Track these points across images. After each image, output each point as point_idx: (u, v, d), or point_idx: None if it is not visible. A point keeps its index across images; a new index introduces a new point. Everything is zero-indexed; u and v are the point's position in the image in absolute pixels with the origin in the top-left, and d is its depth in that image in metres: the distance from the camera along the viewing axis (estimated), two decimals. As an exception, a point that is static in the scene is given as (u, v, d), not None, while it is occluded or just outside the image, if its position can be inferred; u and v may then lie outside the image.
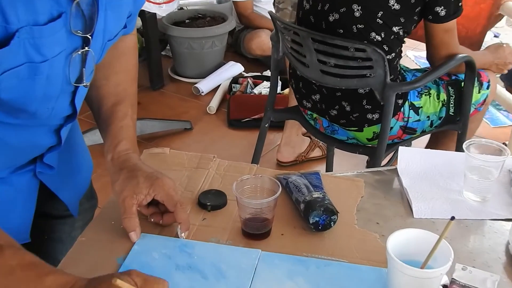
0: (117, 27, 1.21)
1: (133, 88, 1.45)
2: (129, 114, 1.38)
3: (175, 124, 3.92)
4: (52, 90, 1.10)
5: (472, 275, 1.17)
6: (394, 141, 2.49)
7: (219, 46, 4.58)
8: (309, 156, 3.53)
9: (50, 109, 1.15)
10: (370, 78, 2.29)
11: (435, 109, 2.47)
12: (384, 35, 2.26)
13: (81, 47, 1.09)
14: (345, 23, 2.29)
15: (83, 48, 1.09)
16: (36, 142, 1.24)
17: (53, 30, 0.99)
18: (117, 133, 1.34)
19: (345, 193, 1.46)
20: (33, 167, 1.28)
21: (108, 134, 1.35)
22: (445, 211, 1.40)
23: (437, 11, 2.23)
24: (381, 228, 1.35)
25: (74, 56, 1.08)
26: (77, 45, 1.08)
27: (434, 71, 2.36)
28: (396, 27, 2.26)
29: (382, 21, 2.24)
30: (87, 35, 1.07)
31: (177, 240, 1.28)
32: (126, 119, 1.37)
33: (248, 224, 1.29)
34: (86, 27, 1.07)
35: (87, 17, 1.06)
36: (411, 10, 2.24)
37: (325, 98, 2.46)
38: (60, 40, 1.03)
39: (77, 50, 1.08)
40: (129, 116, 1.38)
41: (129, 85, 1.42)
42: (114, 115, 1.36)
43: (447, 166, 1.57)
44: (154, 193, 1.26)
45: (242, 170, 1.52)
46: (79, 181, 1.49)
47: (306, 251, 1.26)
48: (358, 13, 2.25)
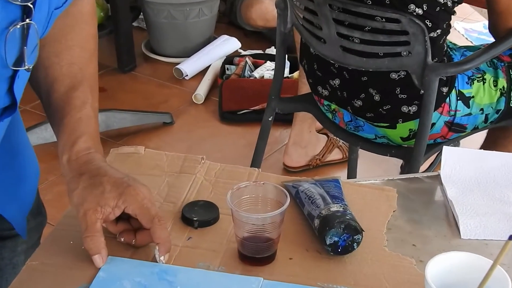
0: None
1: (92, 67, 1.45)
2: (89, 102, 1.38)
3: (151, 117, 3.94)
4: None
5: (536, 312, 1.18)
6: (436, 141, 2.50)
7: (208, 15, 4.58)
8: (325, 160, 3.54)
9: None
10: (406, 57, 2.30)
11: (492, 100, 2.47)
12: (427, 7, 2.27)
13: (20, 19, 1.07)
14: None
15: (23, 21, 1.08)
16: None
17: None
18: (74, 127, 1.33)
19: (372, 206, 1.47)
20: None
21: (63, 129, 1.34)
22: (501, 230, 1.41)
23: None
24: (419, 251, 1.36)
25: (11, 30, 1.06)
26: (15, 16, 1.07)
27: (493, 46, 2.37)
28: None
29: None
30: (28, 3, 1.06)
31: (155, 265, 1.29)
32: (86, 108, 1.37)
33: (246, 245, 1.30)
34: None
35: None
36: None
37: (347, 84, 2.47)
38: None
39: (16, 23, 1.07)
40: (89, 104, 1.38)
41: (87, 63, 1.42)
42: (69, 103, 1.35)
43: (505, 172, 1.58)
44: (124, 205, 1.25)
45: (239, 175, 1.53)
46: (23, 193, 1.48)
47: (322, 280, 1.27)
48: None
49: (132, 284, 1.25)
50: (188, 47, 4.53)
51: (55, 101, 1.35)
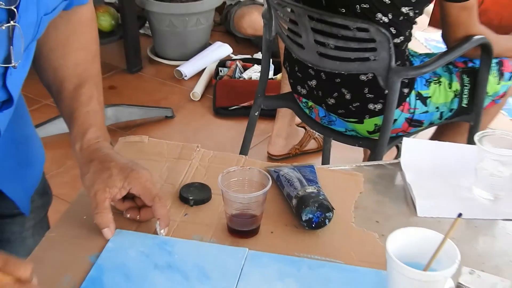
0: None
1: (96, 67, 1.43)
2: (94, 97, 1.37)
3: (154, 112, 3.93)
4: None
5: (480, 279, 1.18)
6: (398, 135, 2.50)
7: (205, 24, 4.56)
8: (303, 149, 3.55)
9: None
10: (373, 61, 2.30)
11: (446, 100, 2.47)
12: (392, 16, 2.27)
13: (5, 21, 1.05)
14: (348, 2, 2.29)
15: (8, 22, 1.05)
16: None
17: None
18: (83, 120, 1.33)
19: (342, 188, 1.47)
20: None
21: (74, 122, 1.34)
22: (452, 209, 1.38)
23: None
24: (381, 227, 1.36)
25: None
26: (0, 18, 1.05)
27: (446, 53, 2.37)
28: (406, 7, 2.27)
29: (390, 1, 2.25)
30: (12, 7, 1.04)
31: (156, 237, 1.29)
32: (92, 102, 1.36)
33: (234, 220, 1.31)
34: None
35: None
36: None
37: (322, 85, 2.47)
38: None
39: (1, 24, 1.05)
40: (95, 99, 1.37)
41: (91, 64, 1.41)
42: (77, 99, 1.35)
43: (456, 160, 1.58)
44: (129, 186, 1.26)
45: (228, 161, 1.53)
46: (29, 176, 1.47)
47: (298, 251, 1.28)
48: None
49: (136, 253, 1.25)
50: (187, 51, 4.52)
51: (65, 98, 1.35)
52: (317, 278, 1.21)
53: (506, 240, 1.35)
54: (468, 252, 1.27)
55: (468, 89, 2.48)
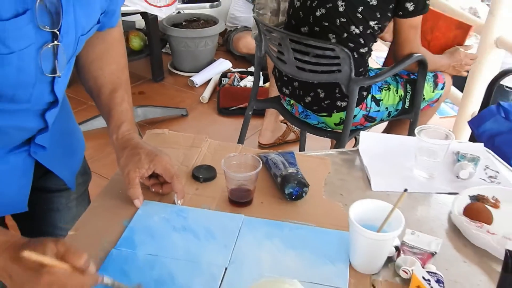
0: (89, 22, 1.16)
1: (125, 75, 1.42)
2: (125, 99, 1.36)
3: (173, 111, 3.89)
4: (26, 79, 1.06)
5: (419, 238, 1.18)
6: (357, 127, 2.49)
7: (211, 45, 4.55)
8: (285, 139, 3.54)
9: (29, 95, 1.10)
10: (338, 73, 2.28)
11: (393, 102, 2.47)
12: (362, 28, 2.26)
13: (50, 41, 1.04)
14: (330, 17, 2.28)
15: (52, 42, 1.04)
16: (22, 125, 1.18)
17: (17, 25, 0.95)
18: (118, 117, 1.33)
19: (315, 169, 1.46)
20: (27, 147, 1.24)
21: (111, 118, 1.33)
22: (398, 185, 1.41)
23: (407, 7, 2.24)
24: (345, 198, 1.36)
25: (44, 49, 1.03)
26: (46, 39, 1.03)
27: (392, 67, 2.36)
28: (373, 21, 2.26)
29: (362, 16, 2.24)
30: (55, 30, 1.02)
31: (174, 206, 1.29)
32: (124, 103, 1.35)
33: (233, 193, 1.30)
34: (53, 22, 1.02)
35: (54, 14, 1.01)
36: (386, 6, 2.24)
37: (302, 86, 2.45)
38: (27, 34, 0.98)
39: (47, 44, 1.03)
40: (126, 101, 1.36)
41: (121, 73, 1.39)
42: (113, 101, 1.34)
43: (400, 148, 1.58)
44: (154, 167, 1.26)
45: (229, 149, 1.52)
46: (73, 160, 1.45)
47: (282, 217, 1.27)
48: (342, 8, 2.25)
49: (159, 218, 1.25)
50: (197, 65, 4.49)
51: (103, 100, 1.35)
52: (296, 237, 1.21)
53: (438, 208, 1.35)
54: (410, 218, 1.27)
55: (410, 94, 2.48)
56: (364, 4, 2.23)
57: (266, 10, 3.51)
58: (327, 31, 2.30)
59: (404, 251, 1.14)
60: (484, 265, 1.17)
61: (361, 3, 2.23)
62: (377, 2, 2.22)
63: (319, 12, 2.31)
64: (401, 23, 2.30)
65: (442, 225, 1.29)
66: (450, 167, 1.50)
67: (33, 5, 0.96)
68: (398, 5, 2.25)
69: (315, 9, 2.32)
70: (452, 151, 1.54)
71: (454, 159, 1.52)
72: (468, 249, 1.21)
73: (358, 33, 2.27)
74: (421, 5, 2.25)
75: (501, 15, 2.92)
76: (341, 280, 1.09)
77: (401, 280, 1.10)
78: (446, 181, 1.45)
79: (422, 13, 2.27)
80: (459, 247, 1.22)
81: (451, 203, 1.32)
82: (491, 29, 2.97)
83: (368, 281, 1.10)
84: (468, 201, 1.33)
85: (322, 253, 1.16)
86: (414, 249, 1.15)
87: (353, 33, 2.27)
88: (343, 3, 2.24)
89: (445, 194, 1.40)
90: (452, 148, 1.54)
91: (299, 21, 2.41)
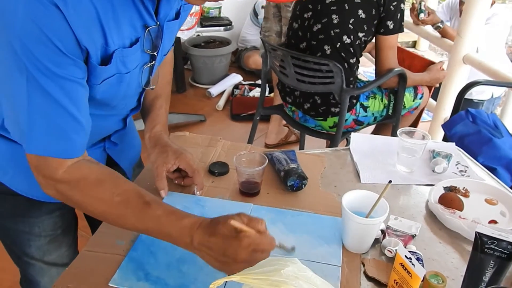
0: (170, 46, 1.19)
1: (168, 88, 1.42)
2: (163, 107, 1.36)
3: (193, 117, 3.89)
4: (130, 92, 1.11)
5: (401, 223, 1.17)
6: (348, 130, 2.47)
7: (225, 62, 4.54)
8: (287, 140, 3.53)
9: (125, 104, 1.17)
10: (332, 84, 2.27)
11: (379, 109, 2.45)
12: (353, 38, 2.24)
13: (149, 61, 1.08)
14: (325, 30, 2.26)
15: (150, 62, 1.08)
16: (109, 127, 1.24)
17: (134, 50, 0.99)
18: (154, 119, 1.32)
19: (312, 165, 1.45)
20: (103, 144, 1.27)
21: (148, 119, 1.33)
22: (383, 178, 1.40)
23: (387, 25, 2.23)
24: (338, 189, 1.34)
25: (145, 68, 1.08)
26: (146, 60, 1.07)
27: (376, 80, 2.35)
28: (361, 33, 2.24)
29: (352, 27, 2.22)
30: (154, 53, 1.06)
31: (194, 196, 1.28)
32: (162, 110, 1.35)
33: (244, 185, 1.29)
34: (153, 47, 1.05)
35: (154, 40, 1.04)
36: (371, 20, 2.22)
37: (302, 95, 2.44)
38: (137, 57, 1.02)
39: (147, 63, 1.08)
40: (164, 108, 1.36)
41: (165, 86, 1.39)
42: (153, 106, 1.34)
43: (385, 147, 1.56)
44: (178, 163, 1.25)
45: (240, 148, 1.51)
46: (132, 154, 1.45)
47: (285, 205, 1.26)
48: (336, 20, 2.23)
49: (181, 207, 1.21)
50: (214, 79, 4.49)
51: (145, 104, 1.34)
52: (297, 222, 1.19)
53: (417, 198, 1.33)
54: (393, 206, 1.26)
55: (393, 103, 2.46)
56: (354, 17, 2.21)
57: (271, 32, 3.51)
58: (323, 43, 2.28)
59: (389, 234, 1.13)
60: (457, 246, 1.15)
61: (352, 16, 2.21)
62: (365, 16, 2.21)
63: (316, 28, 2.29)
64: (381, 41, 2.28)
65: (420, 211, 1.27)
66: (427, 163, 1.48)
67: (142, 34, 1.00)
68: (381, 23, 2.24)
69: (312, 26, 2.31)
70: (428, 150, 1.52)
71: (430, 156, 1.50)
72: (443, 232, 1.19)
73: (349, 42, 2.25)
74: (398, 24, 2.25)
75: (467, 36, 2.92)
76: (335, 258, 1.08)
77: (386, 258, 1.09)
78: (424, 174, 1.44)
79: (399, 31, 2.26)
80: (435, 230, 1.20)
81: (428, 193, 1.30)
82: (459, 48, 2.97)
83: (358, 259, 1.08)
84: (443, 191, 1.32)
85: (318, 235, 1.14)
86: (397, 232, 1.13)
87: (345, 42, 2.25)
88: (336, 16, 2.23)
89: (423, 185, 1.39)
90: (429, 147, 1.52)
91: (297, 39, 2.39)
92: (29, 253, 1.30)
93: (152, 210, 0.95)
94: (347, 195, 1.10)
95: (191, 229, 0.91)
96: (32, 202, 1.20)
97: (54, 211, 1.27)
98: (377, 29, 2.26)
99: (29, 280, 1.36)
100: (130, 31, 0.96)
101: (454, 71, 3.02)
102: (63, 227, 1.31)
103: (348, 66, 2.29)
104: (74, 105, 0.91)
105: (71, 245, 1.37)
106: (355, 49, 2.28)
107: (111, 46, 0.93)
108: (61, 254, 1.34)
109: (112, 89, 1.03)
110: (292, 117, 2.63)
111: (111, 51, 0.93)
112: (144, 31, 1.00)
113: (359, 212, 1.07)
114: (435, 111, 3.22)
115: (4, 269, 2.07)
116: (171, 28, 1.10)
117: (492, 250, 0.89)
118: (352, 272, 1.05)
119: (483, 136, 2.04)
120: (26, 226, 1.25)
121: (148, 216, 0.94)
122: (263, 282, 0.69)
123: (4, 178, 1.16)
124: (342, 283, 1.01)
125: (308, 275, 0.72)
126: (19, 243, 1.28)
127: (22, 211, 1.23)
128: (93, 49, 0.90)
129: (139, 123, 1.36)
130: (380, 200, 1.07)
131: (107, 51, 0.93)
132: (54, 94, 0.88)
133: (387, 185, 1.06)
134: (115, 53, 0.94)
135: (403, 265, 0.87)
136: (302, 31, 2.37)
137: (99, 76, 0.96)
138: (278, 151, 1.47)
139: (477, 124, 2.14)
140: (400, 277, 0.88)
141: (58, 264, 1.34)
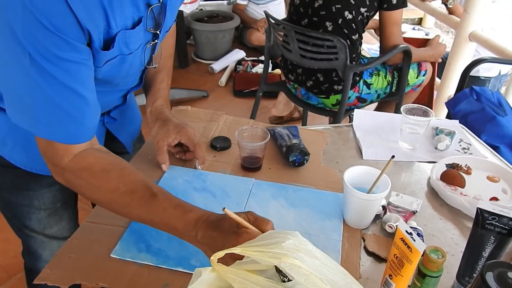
0: (172, 22, 1.17)
1: (170, 62, 1.41)
2: (165, 80, 1.35)
3: (196, 93, 3.87)
4: (132, 71, 1.10)
5: (403, 199, 1.17)
6: (351, 107, 2.46)
7: (228, 38, 4.50)
8: (291, 116, 3.52)
9: (126, 82, 1.17)
10: (335, 61, 2.25)
11: (382, 86, 2.44)
12: (354, 14, 2.22)
13: (151, 40, 1.07)
14: (327, 5, 2.24)
15: (153, 41, 1.08)
16: (109, 102, 1.23)
17: (137, 31, 0.98)
18: (155, 93, 1.32)
19: (314, 141, 1.45)
20: (102, 118, 1.26)
21: (149, 94, 1.32)
22: (385, 154, 1.40)
23: (390, 0, 2.19)
24: (340, 165, 1.34)
25: (147, 47, 1.08)
26: (149, 39, 1.06)
27: (381, 57, 2.33)
28: (363, 8, 2.21)
29: (354, 2, 2.19)
30: (157, 32, 1.05)
31: (195, 170, 1.28)
32: (163, 83, 1.34)
33: (245, 160, 1.29)
34: (155, 25, 1.04)
35: (157, 18, 1.03)
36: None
37: (305, 72, 2.42)
38: (140, 37, 1.02)
39: (149, 42, 1.07)
40: (165, 81, 1.35)
41: (167, 59, 1.38)
42: (154, 80, 1.33)
43: (388, 123, 1.56)
44: (180, 137, 1.24)
45: (242, 123, 1.51)
46: (132, 129, 1.45)
47: (286, 180, 1.26)
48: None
49: (183, 180, 1.24)
50: (216, 54, 4.46)
51: (147, 78, 1.33)
52: (298, 197, 1.20)
53: (419, 174, 1.33)
54: (395, 182, 1.27)
55: (396, 80, 2.45)
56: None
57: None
58: (324, 19, 2.25)
59: (390, 210, 1.13)
60: (457, 222, 1.15)
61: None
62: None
63: (317, 3, 2.27)
64: (385, 16, 2.25)
65: (422, 188, 1.27)
66: (430, 140, 1.48)
67: (145, 13, 0.99)
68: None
69: (313, 1, 2.28)
70: (431, 127, 1.52)
71: (433, 133, 1.50)
72: (443, 208, 1.20)
73: (351, 18, 2.22)
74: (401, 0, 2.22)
75: (474, 13, 2.89)
76: (336, 233, 1.08)
77: (387, 234, 1.09)
78: (426, 151, 1.43)
79: (402, 6, 2.23)
80: (436, 206, 1.20)
81: (430, 170, 1.31)
82: (465, 25, 2.94)
83: (359, 234, 1.09)
84: (445, 168, 1.32)
85: (320, 210, 1.15)
86: (398, 208, 1.14)
87: (347, 18, 2.22)
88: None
89: (425, 162, 1.38)
90: (432, 124, 1.52)
91: (299, 15, 2.36)
92: (30, 226, 1.31)
93: (158, 202, 0.93)
94: (349, 171, 1.10)
95: (196, 224, 0.90)
96: (31, 175, 1.20)
97: (53, 185, 1.27)
98: (380, 4, 2.22)
99: (31, 253, 1.37)
100: (132, 10, 0.95)
101: (460, 49, 2.99)
102: (62, 201, 1.32)
103: (350, 43, 2.27)
104: (82, 86, 0.90)
105: (71, 219, 1.38)
106: (357, 25, 2.25)
107: (113, 28, 0.92)
108: (61, 228, 1.35)
109: (114, 69, 1.02)
110: (295, 94, 2.61)
111: (114, 34, 0.92)
112: (147, 9, 0.99)
113: (361, 188, 1.06)
114: (439, 88, 3.21)
115: (8, 240, 2.10)
116: (174, 4, 1.08)
117: (493, 226, 0.90)
118: (353, 246, 1.05)
119: (487, 114, 2.03)
120: (26, 199, 1.26)
121: (154, 207, 0.93)
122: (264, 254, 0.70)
123: (3, 150, 1.16)
124: (342, 257, 1.02)
125: (308, 248, 0.72)
126: (19, 215, 1.29)
127: (21, 184, 1.23)
128: (95, 33, 0.88)
129: (141, 97, 1.36)
130: (382, 176, 1.07)
131: (110, 34, 0.92)
132: (59, 77, 0.86)
133: (389, 160, 1.06)
134: (117, 36, 0.93)
135: (403, 240, 0.87)
136: (304, 7, 2.34)
137: (101, 59, 0.95)
138: (280, 126, 1.46)
139: (481, 102, 2.13)
140: (400, 252, 0.89)
141: (59, 237, 1.35)
